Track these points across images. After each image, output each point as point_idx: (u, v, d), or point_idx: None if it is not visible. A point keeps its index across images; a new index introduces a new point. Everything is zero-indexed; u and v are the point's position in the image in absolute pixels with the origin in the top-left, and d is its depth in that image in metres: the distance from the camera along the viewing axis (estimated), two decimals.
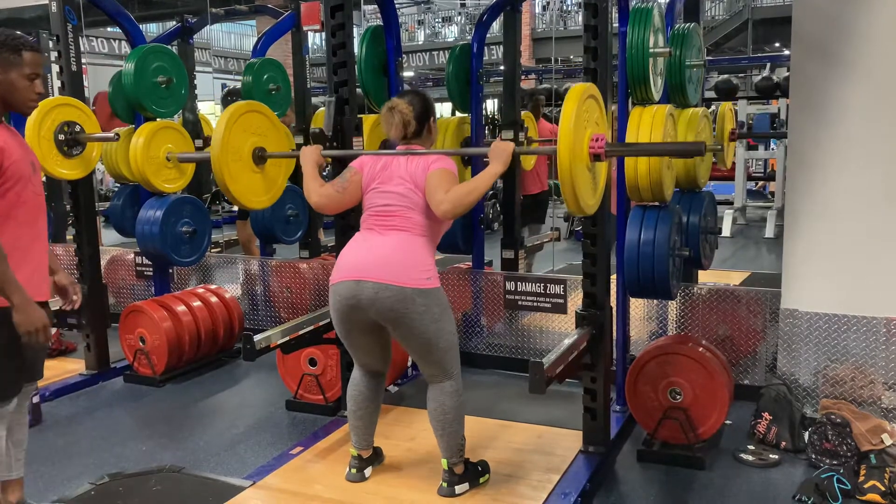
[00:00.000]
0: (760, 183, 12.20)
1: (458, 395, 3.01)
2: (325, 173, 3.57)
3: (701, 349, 3.51)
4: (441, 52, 20.66)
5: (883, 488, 3.03)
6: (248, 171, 3.42)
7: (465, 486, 3.06)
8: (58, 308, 3.12)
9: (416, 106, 3.04)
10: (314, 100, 6.94)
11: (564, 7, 20.07)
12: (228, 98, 11.70)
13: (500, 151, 2.85)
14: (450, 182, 2.88)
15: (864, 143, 3.58)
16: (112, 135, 4.57)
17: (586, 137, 2.67)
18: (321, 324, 3.65)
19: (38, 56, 2.72)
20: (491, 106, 10.56)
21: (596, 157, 2.72)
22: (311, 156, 3.21)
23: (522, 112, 5.64)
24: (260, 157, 3.44)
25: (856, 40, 3.56)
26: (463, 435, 3.04)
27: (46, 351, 2.89)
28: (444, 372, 2.98)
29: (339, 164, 3.44)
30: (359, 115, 3.80)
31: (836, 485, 3.05)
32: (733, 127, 4.52)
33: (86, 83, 5.10)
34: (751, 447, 3.51)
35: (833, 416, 3.36)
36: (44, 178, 5.96)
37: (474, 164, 4.96)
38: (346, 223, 3.66)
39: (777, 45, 16.66)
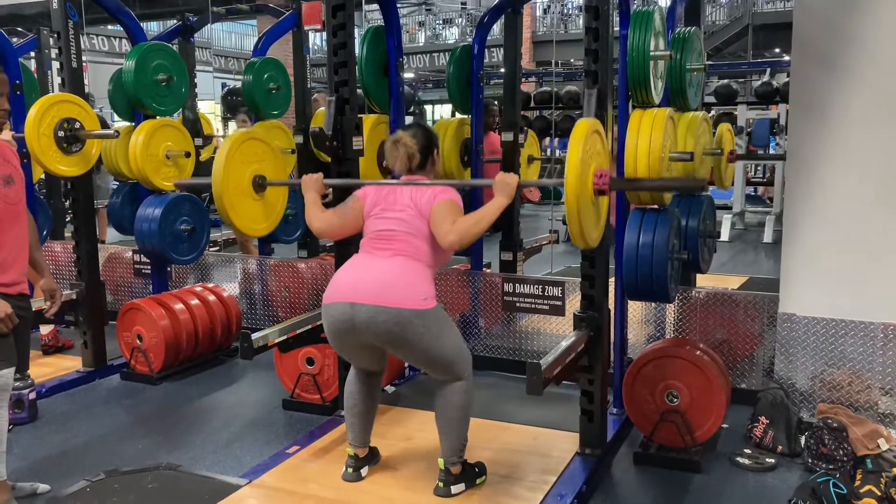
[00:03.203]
0: (762, 190, 12.17)
1: (467, 393, 3.01)
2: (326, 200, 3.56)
3: (698, 352, 3.51)
4: (442, 54, 20.67)
5: (879, 493, 3.03)
6: (248, 199, 3.43)
7: (462, 486, 3.05)
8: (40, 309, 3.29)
9: (419, 139, 3.09)
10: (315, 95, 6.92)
11: (565, 10, 20.09)
12: (228, 97, 11.70)
13: (504, 185, 2.87)
14: (455, 214, 2.91)
15: (863, 148, 3.58)
16: (112, 132, 4.57)
17: (591, 173, 2.73)
18: (318, 323, 3.63)
19: (1, 76, 2.90)
20: None
21: (600, 193, 2.77)
22: (312, 184, 3.24)
23: None
24: (260, 184, 3.45)
25: (856, 46, 3.56)
26: (466, 436, 3.05)
27: (23, 340, 3.00)
28: (454, 376, 2.99)
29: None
30: (359, 115, 3.80)
31: (832, 489, 3.05)
32: (732, 148, 4.53)
33: (86, 81, 5.10)
34: (747, 451, 3.52)
35: (830, 421, 3.37)
36: (42, 175, 6.04)
37: (474, 166, 4.96)
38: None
39: (777, 50, 16.69)
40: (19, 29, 6.92)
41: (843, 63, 3.59)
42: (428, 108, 15.09)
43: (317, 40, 13.10)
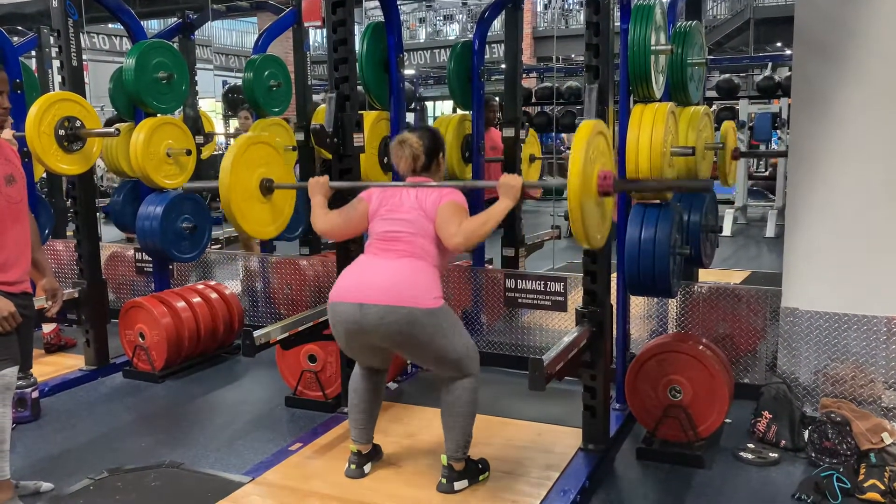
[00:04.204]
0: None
1: (474, 390, 3.02)
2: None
3: (701, 347, 3.51)
4: (442, 50, 20.65)
5: (883, 487, 3.03)
6: (256, 203, 3.46)
7: (465, 482, 3.05)
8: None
9: (425, 140, 3.10)
10: (315, 97, 6.92)
11: (566, 6, 20.06)
12: (229, 95, 11.70)
13: (508, 187, 2.88)
14: (461, 215, 2.93)
15: (865, 142, 3.57)
16: (113, 130, 4.56)
17: (595, 174, 2.73)
18: (321, 320, 3.65)
19: (1, 74, 2.91)
20: None
21: (605, 194, 2.78)
22: (318, 187, 3.26)
23: None
24: (267, 188, 3.48)
25: (858, 40, 3.55)
26: (471, 433, 3.05)
27: (26, 339, 3.01)
28: (462, 373, 3.00)
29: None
30: (359, 112, 3.80)
31: (835, 483, 3.05)
32: (735, 145, 4.50)
33: (86, 80, 5.09)
34: (750, 446, 3.51)
35: (833, 415, 3.36)
36: (44, 174, 6.04)
37: (475, 163, 4.95)
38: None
39: (779, 44, 16.66)
40: (19, 28, 6.91)
41: (845, 57, 3.57)
42: (429, 104, 15.08)
43: (317, 37, 13.08)
